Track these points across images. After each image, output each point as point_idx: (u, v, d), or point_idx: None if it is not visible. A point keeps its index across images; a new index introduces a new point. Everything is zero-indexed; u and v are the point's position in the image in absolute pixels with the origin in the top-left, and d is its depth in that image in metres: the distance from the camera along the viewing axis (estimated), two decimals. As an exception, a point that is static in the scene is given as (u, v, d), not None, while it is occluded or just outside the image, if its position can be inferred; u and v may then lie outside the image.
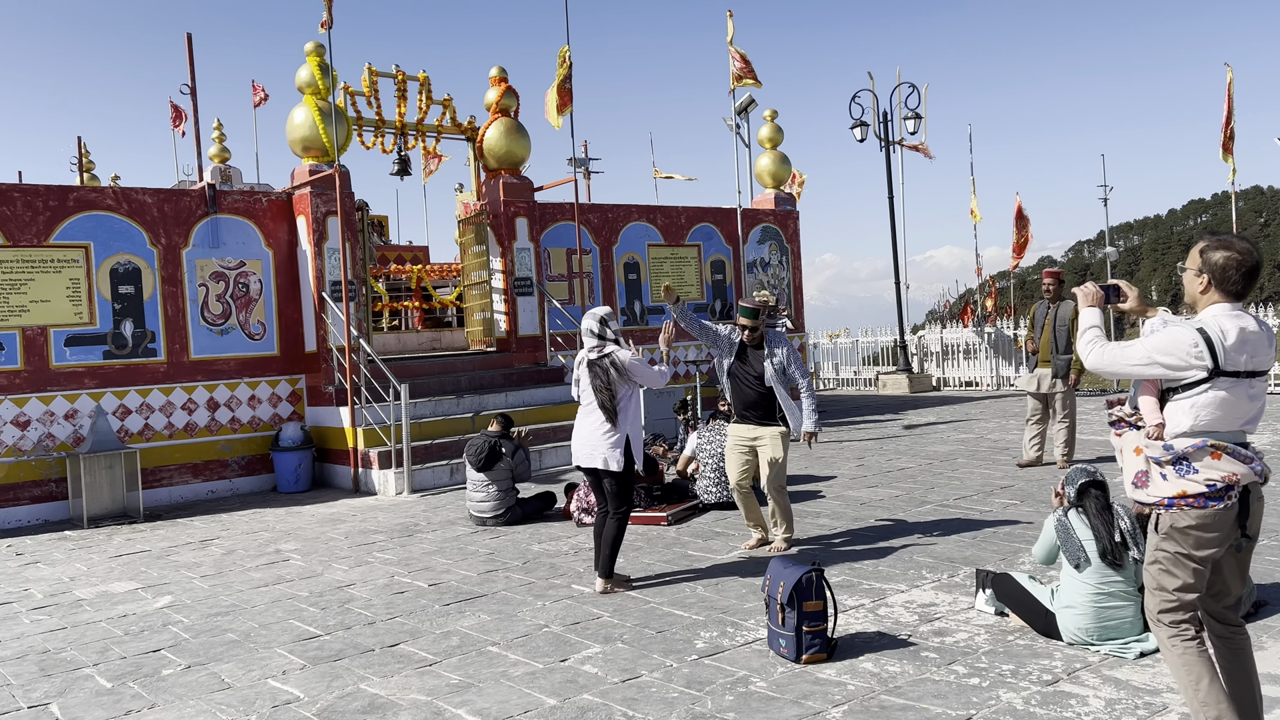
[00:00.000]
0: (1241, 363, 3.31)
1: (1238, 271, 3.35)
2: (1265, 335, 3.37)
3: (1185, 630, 3.41)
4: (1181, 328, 3.37)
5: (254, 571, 7.43)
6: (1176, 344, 3.33)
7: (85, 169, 18.29)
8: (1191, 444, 3.34)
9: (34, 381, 10.37)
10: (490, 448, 8.52)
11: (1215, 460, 3.33)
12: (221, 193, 11.78)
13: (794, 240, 17.59)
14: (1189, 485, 3.34)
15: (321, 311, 11.75)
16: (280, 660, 5.28)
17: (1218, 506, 3.32)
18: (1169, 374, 3.37)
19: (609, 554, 6.22)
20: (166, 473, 11.10)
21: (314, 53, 11.79)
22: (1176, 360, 3.33)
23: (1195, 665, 3.38)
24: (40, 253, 10.45)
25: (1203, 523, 3.34)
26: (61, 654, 5.61)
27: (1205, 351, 3.29)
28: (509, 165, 13.63)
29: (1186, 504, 3.35)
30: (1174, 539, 3.39)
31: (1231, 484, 3.32)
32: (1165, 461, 3.38)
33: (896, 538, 7.24)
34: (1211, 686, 3.36)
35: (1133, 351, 3.43)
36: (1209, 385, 3.31)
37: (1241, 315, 3.36)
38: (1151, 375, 3.42)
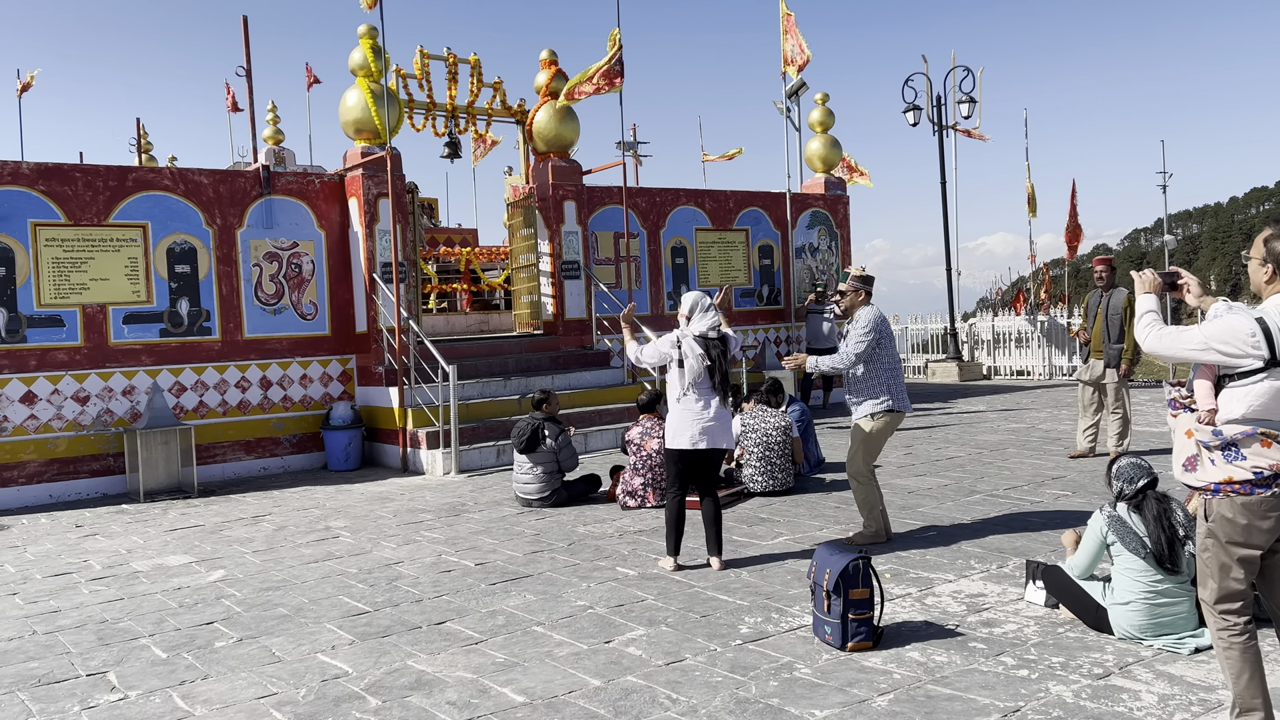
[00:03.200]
0: None
1: None
2: None
3: (1234, 623, 3.42)
4: (1241, 316, 3.35)
5: (304, 548, 7.55)
6: (1234, 332, 3.32)
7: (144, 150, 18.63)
8: (1241, 430, 3.34)
9: (93, 358, 10.60)
10: (533, 430, 8.56)
11: (1265, 448, 3.32)
12: (275, 174, 11.93)
13: (844, 225, 17.41)
14: (1236, 471, 3.35)
15: (372, 293, 11.87)
16: (330, 635, 5.37)
17: (1264, 494, 3.33)
18: (1225, 361, 3.35)
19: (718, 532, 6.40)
20: (220, 449, 11.31)
21: (367, 35, 11.86)
22: (1233, 349, 3.32)
23: (1238, 660, 3.40)
24: (100, 231, 10.67)
25: (1249, 509, 3.35)
26: (119, 624, 5.75)
27: (1263, 341, 3.28)
28: (558, 148, 13.64)
29: (1233, 490, 3.36)
30: (1221, 525, 3.40)
31: (1278, 473, 3.32)
32: (1214, 446, 3.39)
33: (944, 527, 7.16)
34: (1253, 682, 3.39)
35: (1190, 336, 3.43)
36: (1265, 375, 3.30)
37: None
38: (1208, 361, 3.41)
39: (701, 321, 6.33)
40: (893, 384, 6.63)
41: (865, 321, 6.60)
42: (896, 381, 6.66)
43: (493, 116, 13.81)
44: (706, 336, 6.28)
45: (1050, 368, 19.38)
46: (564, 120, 13.50)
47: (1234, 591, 3.43)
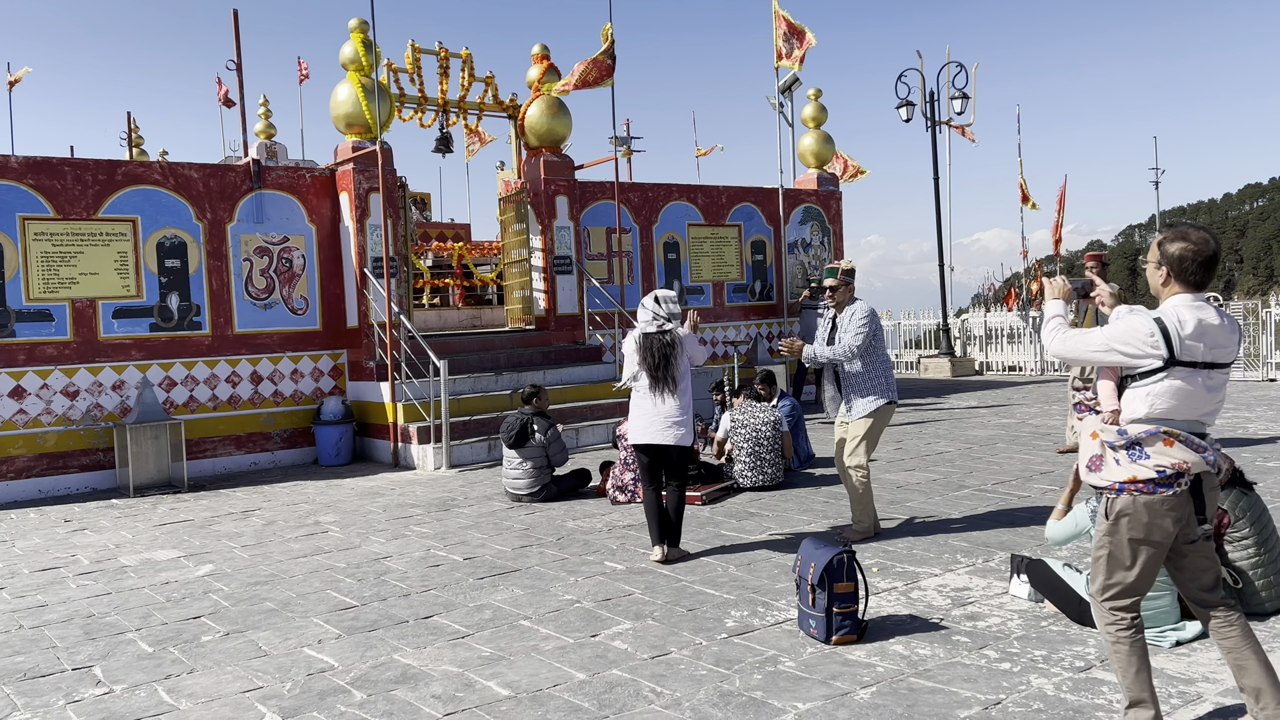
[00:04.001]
0: (1199, 353, 3.36)
1: (1194, 262, 3.40)
2: (1227, 328, 3.42)
3: (1122, 618, 3.51)
4: (1141, 317, 3.43)
5: (293, 542, 7.55)
6: (1134, 333, 3.39)
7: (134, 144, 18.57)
8: (1145, 430, 3.40)
9: (82, 352, 10.58)
10: (522, 425, 8.57)
11: (1167, 447, 3.38)
12: (266, 168, 11.91)
13: (836, 221, 17.43)
14: (1140, 470, 3.40)
15: (363, 287, 11.86)
16: (316, 629, 5.37)
17: (1167, 493, 3.39)
18: (1126, 361, 3.43)
19: (679, 523, 6.54)
20: (210, 444, 11.30)
21: (358, 29, 11.84)
22: (1133, 349, 3.39)
23: (1127, 654, 3.50)
24: (89, 226, 10.64)
25: (1152, 508, 3.41)
26: (105, 618, 5.75)
27: (1161, 341, 3.35)
28: (550, 143, 13.63)
29: (1136, 489, 3.41)
30: (1125, 524, 3.45)
31: (1182, 471, 3.38)
32: (1119, 446, 3.45)
33: (931, 521, 7.18)
34: (1140, 675, 3.49)
35: (1092, 339, 3.50)
36: (1165, 374, 3.38)
37: (1202, 307, 3.40)
38: (1110, 362, 3.49)
39: (642, 318, 6.52)
40: (888, 377, 6.73)
41: (863, 314, 6.65)
42: (889, 375, 6.75)
43: (484, 111, 13.79)
44: (649, 334, 6.43)
45: (1042, 363, 19.43)
46: (556, 115, 13.49)
47: (1125, 588, 3.50)
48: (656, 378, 6.38)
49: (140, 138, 18.68)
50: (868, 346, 6.64)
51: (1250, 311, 17.57)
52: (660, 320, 6.47)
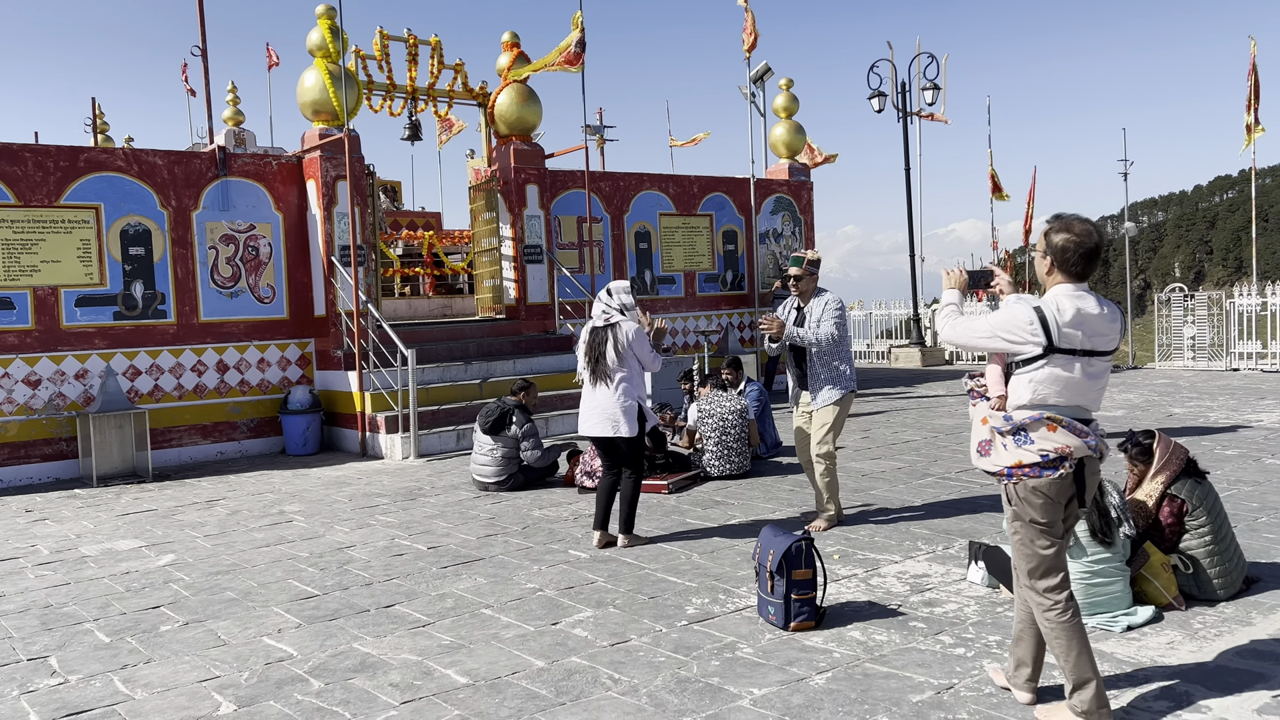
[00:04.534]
0: (1077, 341, 3.46)
1: (1076, 253, 3.51)
2: (1107, 317, 3.53)
3: (1055, 600, 3.59)
4: (1022, 305, 3.53)
5: (257, 532, 7.51)
6: (1015, 320, 3.51)
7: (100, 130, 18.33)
8: (1029, 416, 3.51)
9: (45, 341, 10.45)
10: (502, 413, 8.56)
11: (1050, 432, 3.50)
12: (232, 156, 11.79)
13: (808, 211, 17.48)
14: (1025, 455, 3.52)
15: (331, 276, 11.79)
16: (276, 619, 5.35)
17: (1052, 476, 3.51)
18: (1009, 348, 3.55)
19: (628, 512, 6.53)
20: (176, 433, 11.21)
21: (325, 15, 11.74)
22: (1015, 336, 3.51)
23: (1065, 637, 3.56)
24: (51, 213, 10.50)
25: (1039, 491, 3.53)
26: (63, 609, 5.70)
27: (1039, 329, 3.45)
28: (520, 132, 13.57)
29: (1023, 472, 3.54)
30: (1021, 507, 3.59)
31: (1065, 455, 3.50)
32: (1005, 432, 3.57)
33: (894, 509, 7.24)
34: (1082, 656, 3.56)
35: (978, 325, 3.63)
36: (1045, 361, 3.48)
37: (1083, 296, 3.51)
38: (994, 348, 3.62)
39: (595, 310, 6.60)
40: (851, 366, 6.78)
41: (835, 304, 6.72)
42: (852, 364, 6.82)
43: (454, 99, 13.72)
44: (595, 328, 6.50)
45: (1011, 353, 19.55)
46: (526, 103, 13.43)
47: (1048, 566, 3.60)
48: (594, 370, 6.45)
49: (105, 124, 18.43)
50: (841, 335, 6.71)
51: (1215, 302, 17.80)
52: (609, 314, 6.51)
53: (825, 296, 6.78)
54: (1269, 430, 10.03)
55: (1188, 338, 17.92)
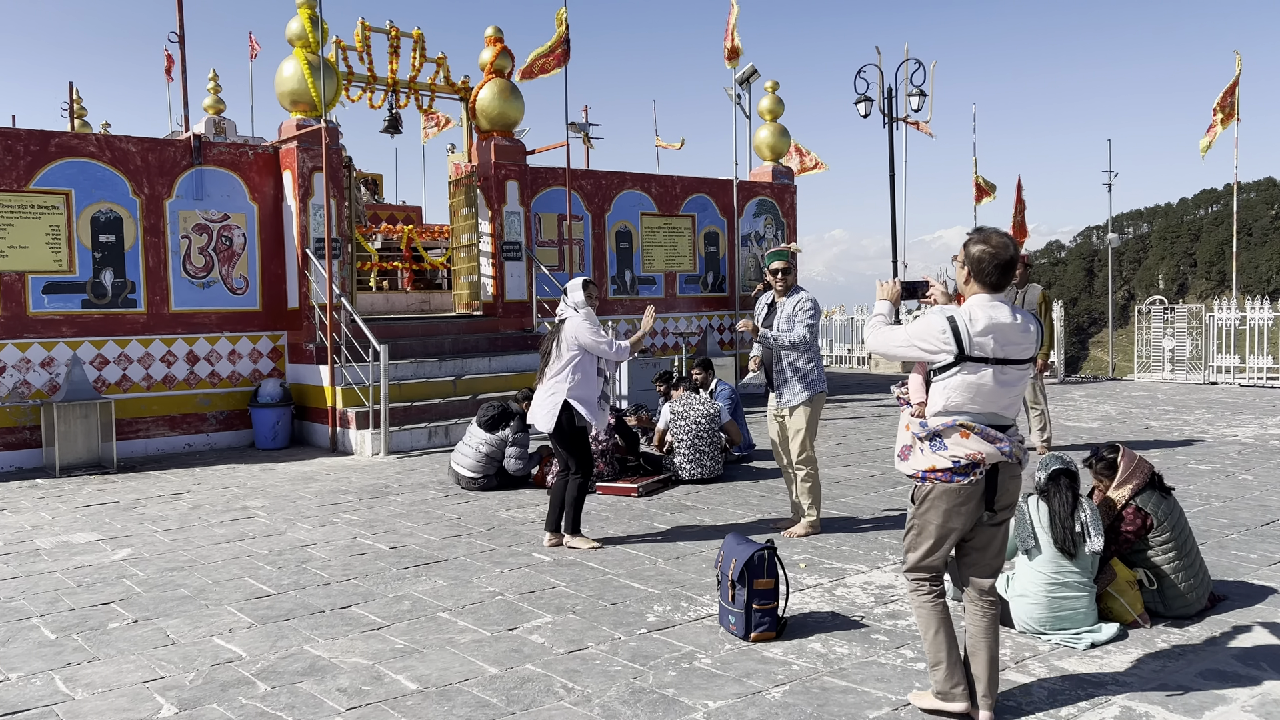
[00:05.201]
0: (989, 349, 3.57)
1: (991, 264, 3.62)
2: (1019, 326, 3.63)
3: (923, 587, 3.79)
4: (936, 315, 3.66)
5: (217, 527, 7.38)
6: (929, 329, 3.63)
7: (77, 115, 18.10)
8: (943, 422, 3.63)
9: (10, 328, 10.27)
10: (502, 412, 8.50)
11: (963, 439, 3.61)
12: (207, 144, 11.63)
13: (790, 215, 17.42)
14: (938, 460, 3.64)
15: (305, 268, 11.64)
16: (228, 618, 5.23)
17: (963, 481, 3.63)
18: (924, 356, 3.67)
19: (572, 513, 6.45)
20: (143, 424, 11.04)
21: (305, 4, 11.59)
22: (929, 344, 3.63)
23: (930, 617, 3.77)
24: (19, 198, 10.32)
25: (949, 495, 3.64)
26: (11, 603, 5.56)
27: (951, 338, 3.58)
28: (501, 127, 13.46)
29: (936, 477, 3.65)
30: (924, 507, 3.71)
31: (976, 462, 3.61)
32: (922, 437, 3.69)
33: (864, 518, 7.17)
34: (939, 636, 3.75)
35: (897, 334, 3.77)
36: (958, 369, 3.60)
37: (997, 306, 3.63)
38: (911, 357, 3.73)
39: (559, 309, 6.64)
40: (820, 367, 6.70)
41: (810, 304, 6.61)
42: (821, 365, 6.75)
43: (436, 93, 13.59)
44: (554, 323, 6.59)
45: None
46: (508, 99, 13.32)
47: (928, 565, 3.77)
48: (542, 367, 6.54)
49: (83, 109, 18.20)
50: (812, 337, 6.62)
51: (1194, 315, 17.84)
52: (563, 311, 6.58)
53: (800, 295, 6.69)
54: (1243, 445, 10.02)
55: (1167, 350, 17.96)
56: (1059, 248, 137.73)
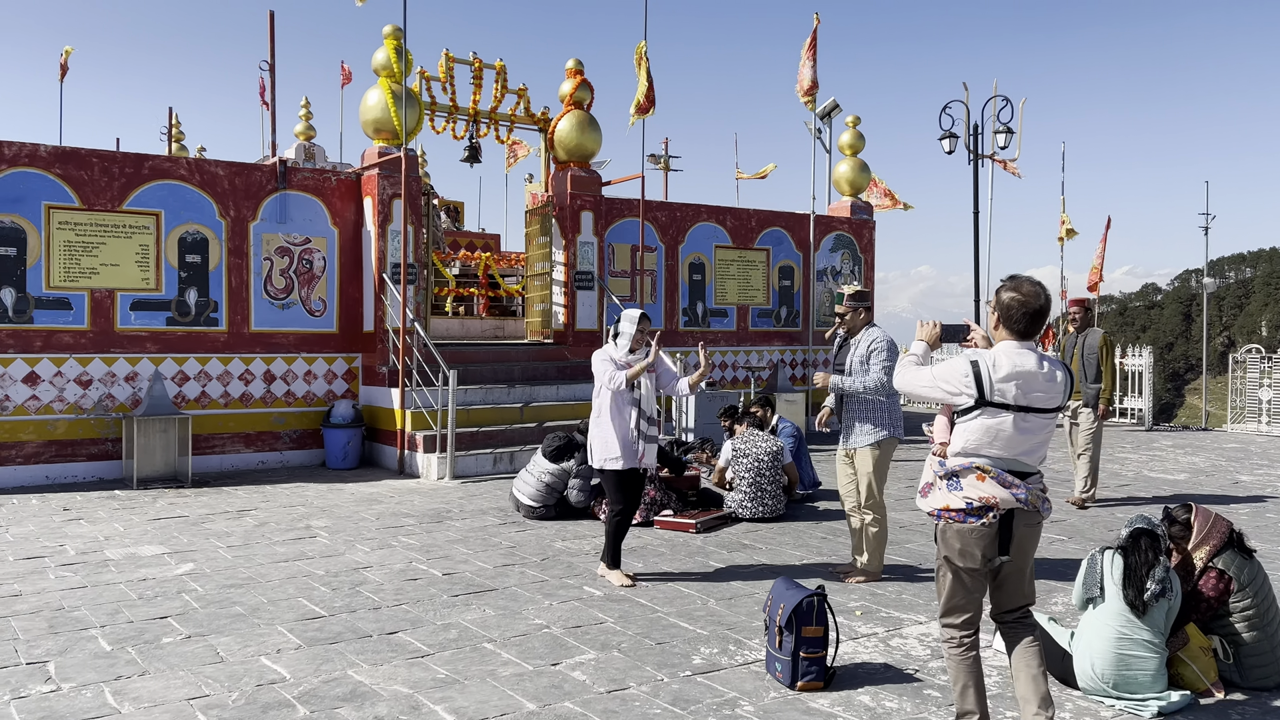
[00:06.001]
0: (1010, 395, 3.60)
1: (1020, 311, 3.67)
2: (1046, 375, 3.63)
3: (956, 637, 3.79)
4: (960, 358, 3.70)
5: (279, 545, 7.48)
6: (953, 372, 3.69)
7: (175, 139, 18.81)
8: (961, 463, 3.67)
9: (98, 343, 10.65)
10: (567, 442, 8.51)
11: (979, 482, 3.64)
12: (292, 169, 11.95)
13: (868, 250, 17.19)
14: (952, 500, 3.68)
15: (381, 292, 11.85)
16: (278, 638, 5.28)
17: (975, 523, 3.64)
18: (947, 398, 3.72)
19: (606, 544, 6.44)
20: (220, 440, 11.32)
21: (391, 35, 11.87)
22: (951, 386, 3.69)
23: (959, 669, 3.78)
24: (113, 218, 10.73)
25: (963, 535, 3.67)
26: (74, 613, 5.70)
27: (972, 381, 3.62)
28: (579, 158, 13.57)
29: (950, 516, 3.69)
30: (941, 547, 3.77)
31: (990, 506, 3.62)
32: (941, 476, 3.74)
33: (928, 566, 6.95)
34: (967, 691, 3.75)
35: (923, 374, 3.83)
36: (979, 412, 3.63)
37: (1023, 353, 3.65)
38: (935, 397, 3.79)
39: None
40: (894, 410, 6.45)
41: (886, 343, 6.40)
42: (897, 407, 6.48)
43: (515, 123, 13.77)
44: None
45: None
46: (586, 130, 13.43)
47: (956, 607, 3.77)
48: None
49: (181, 133, 18.91)
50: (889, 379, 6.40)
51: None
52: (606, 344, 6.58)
53: (872, 334, 6.48)
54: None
55: (1263, 401, 17.20)
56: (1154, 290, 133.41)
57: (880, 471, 6.44)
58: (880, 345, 6.40)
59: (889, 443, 6.45)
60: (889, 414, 6.42)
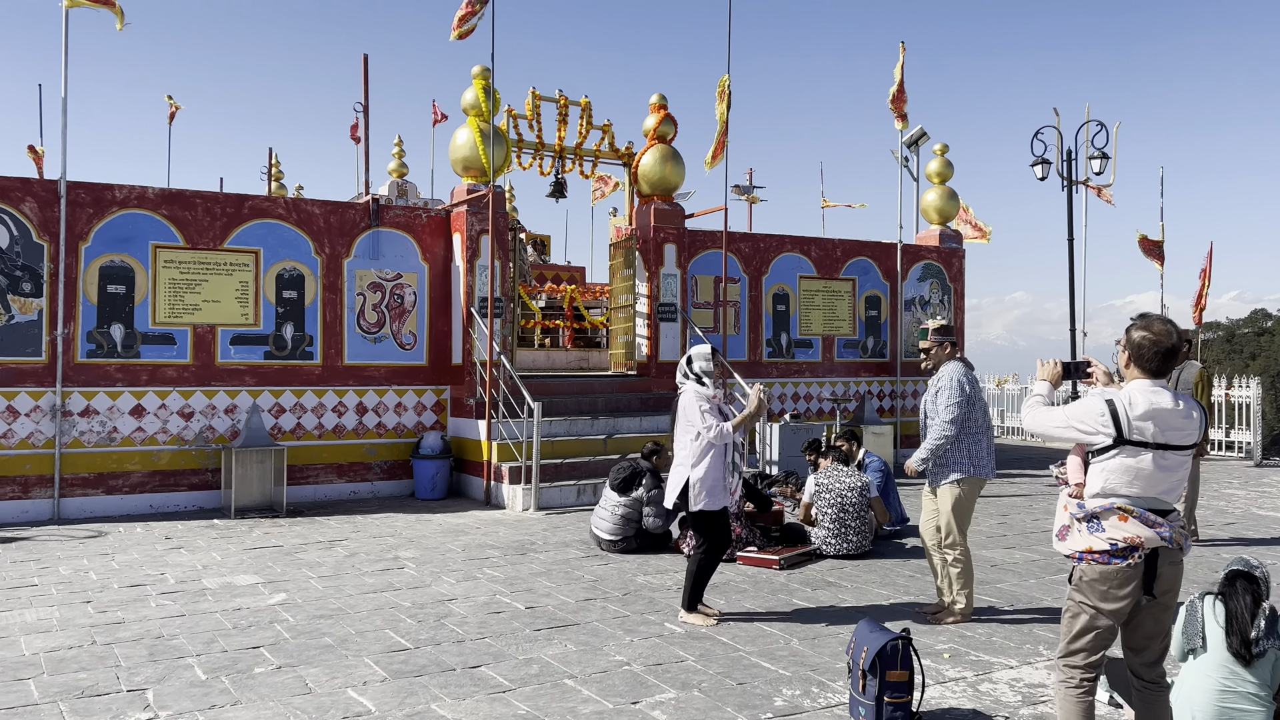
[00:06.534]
0: (1148, 434, 3.59)
1: (1152, 350, 3.68)
2: (1181, 413, 3.64)
3: (1074, 677, 3.75)
4: (1095, 398, 3.68)
5: (368, 576, 7.63)
6: (1088, 412, 3.67)
7: (275, 178, 19.52)
8: (1101, 504, 3.65)
9: (200, 376, 11.07)
10: (632, 472, 8.53)
11: (1121, 522, 3.62)
12: (384, 207, 12.30)
13: (958, 280, 16.89)
14: (1095, 542, 3.65)
15: (469, 326, 12.07)
16: (365, 670, 5.37)
17: (1120, 564, 3.62)
18: (1083, 438, 3.69)
19: (688, 586, 6.32)
20: (314, 471, 11.63)
21: (480, 75, 12.15)
22: (1087, 426, 3.66)
23: (1072, 711, 3.73)
24: (215, 255, 11.18)
25: (1107, 578, 3.64)
26: (172, 641, 5.90)
27: (1110, 421, 3.60)
28: (662, 191, 13.67)
29: (1093, 559, 3.66)
30: (1081, 590, 3.71)
31: (1134, 546, 3.60)
32: (1080, 518, 3.71)
33: (1020, 607, 6.75)
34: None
35: (1055, 415, 3.80)
36: (1117, 452, 3.62)
37: (1158, 391, 3.65)
38: (1069, 438, 3.75)
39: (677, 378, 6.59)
40: (975, 448, 6.29)
41: (950, 380, 6.27)
42: (979, 445, 6.31)
43: (600, 158, 13.94)
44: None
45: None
46: (669, 164, 13.53)
47: (1084, 648, 3.73)
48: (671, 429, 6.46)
49: (280, 172, 19.63)
50: (964, 416, 6.27)
51: None
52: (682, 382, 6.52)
53: (941, 371, 6.37)
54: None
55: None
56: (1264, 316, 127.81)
57: (960, 511, 6.29)
58: (945, 383, 6.30)
59: (971, 482, 6.29)
60: (969, 453, 6.27)
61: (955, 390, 6.23)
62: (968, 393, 6.26)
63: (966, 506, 6.33)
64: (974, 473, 6.27)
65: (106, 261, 10.68)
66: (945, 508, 6.28)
